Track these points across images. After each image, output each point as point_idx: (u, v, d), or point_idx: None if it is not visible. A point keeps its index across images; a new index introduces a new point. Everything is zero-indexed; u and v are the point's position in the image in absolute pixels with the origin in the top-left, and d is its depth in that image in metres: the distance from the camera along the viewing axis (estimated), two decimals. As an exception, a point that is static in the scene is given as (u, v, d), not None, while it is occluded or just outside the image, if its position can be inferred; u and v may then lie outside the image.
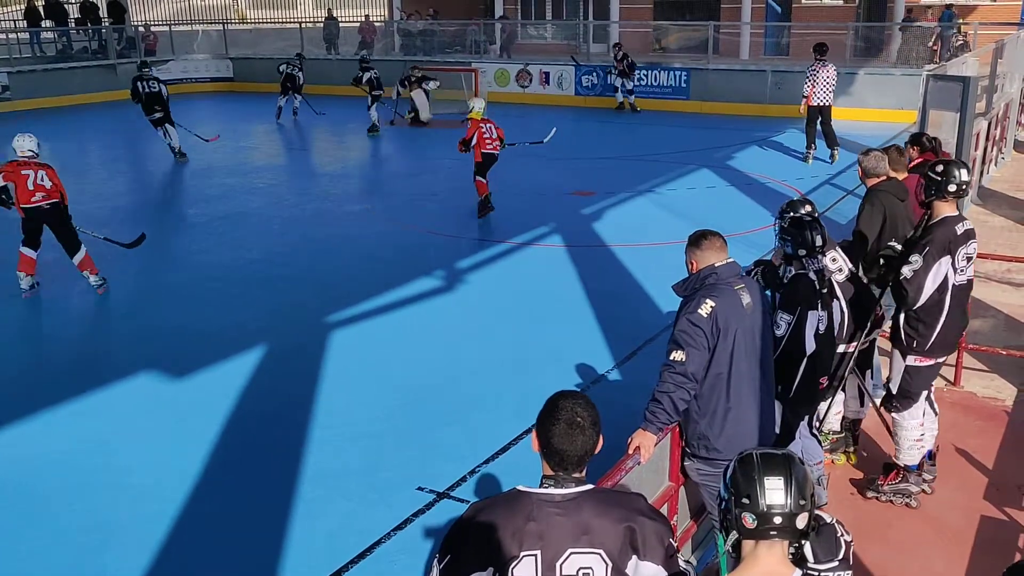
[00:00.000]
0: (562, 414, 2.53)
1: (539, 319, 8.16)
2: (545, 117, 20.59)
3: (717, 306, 3.77)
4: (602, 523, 2.45)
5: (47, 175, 8.89)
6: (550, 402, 2.60)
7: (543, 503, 2.47)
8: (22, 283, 9.03)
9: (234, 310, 8.59)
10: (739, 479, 2.26)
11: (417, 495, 5.33)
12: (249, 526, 5.13)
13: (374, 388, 6.81)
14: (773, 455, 2.31)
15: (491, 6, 28.83)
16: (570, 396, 2.60)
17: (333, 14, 29.57)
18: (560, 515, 2.45)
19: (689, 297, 3.89)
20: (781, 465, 2.26)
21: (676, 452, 4.03)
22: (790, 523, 2.22)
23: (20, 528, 5.10)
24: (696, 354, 3.76)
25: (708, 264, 3.87)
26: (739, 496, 2.25)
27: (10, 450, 5.96)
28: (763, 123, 18.72)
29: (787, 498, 2.21)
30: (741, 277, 3.93)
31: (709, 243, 3.91)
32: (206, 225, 11.82)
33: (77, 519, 5.18)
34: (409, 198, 13.33)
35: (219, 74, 27.61)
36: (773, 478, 2.23)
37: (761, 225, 10.52)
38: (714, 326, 3.76)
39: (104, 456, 5.90)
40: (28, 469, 5.72)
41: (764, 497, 2.21)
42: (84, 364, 7.42)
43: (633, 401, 5.97)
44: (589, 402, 2.59)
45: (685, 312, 3.84)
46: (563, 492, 2.49)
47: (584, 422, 2.53)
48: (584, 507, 2.47)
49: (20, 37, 28.25)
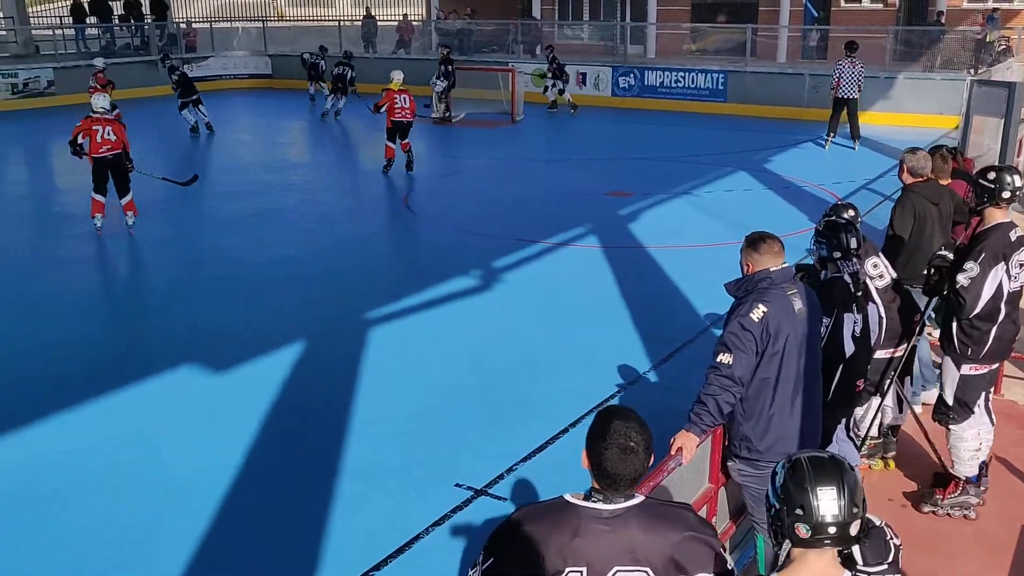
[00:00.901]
0: (615, 438, 2.46)
1: (575, 319, 8.17)
2: (582, 117, 20.63)
3: (769, 311, 3.76)
4: (649, 539, 2.41)
5: (112, 130, 10.86)
6: (602, 421, 2.52)
7: (590, 519, 2.43)
8: (96, 222, 11.07)
9: (271, 306, 8.69)
10: (791, 488, 2.23)
11: (455, 492, 5.38)
12: (288, 521, 5.18)
13: (411, 386, 6.86)
14: (822, 460, 2.28)
15: (528, 6, 28.85)
16: (622, 416, 2.52)
17: (371, 12, 29.74)
18: (607, 532, 2.42)
19: (741, 299, 3.88)
20: (833, 473, 2.23)
21: (717, 454, 4.05)
22: (844, 532, 2.20)
23: (62, 521, 5.16)
24: (744, 358, 3.75)
25: (763, 268, 3.85)
26: (792, 507, 2.22)
27: (50, 445, 6.04)
28: (800, 126, 18.59)
29: (840, 508, 2.19)
30: (794, 282, 3.92)
31: (767, 247, 3.88)
32: (242, 221, 11.94)
33: (119, 513, 5.24)
34: (443, 197, 13.41)
35: (257, 71, 27.89)
36: (826, 488, 2.20)
37: (799, 229, 10.47)
38: (764, 331, 3.75)
39: (143, 451, 5.97)
40: (69, 464, 5.79)
41: (818, 508, 2.19)
42: (123, 359, 7.51)
43: (670, 403, 5.99)
44: (642, 423, 2.52)
45: (737, 315, 3.83)
46: (611, 508, 2.45)
47: (638, 447, 2.46)
48: (632, 522, 2.43)
49: (65, 33, 28.71)
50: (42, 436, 6.15)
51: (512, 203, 12.55)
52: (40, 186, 15.45)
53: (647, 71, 22.16)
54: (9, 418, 6.29)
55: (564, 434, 6.00)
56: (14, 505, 5.30)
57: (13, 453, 5.89)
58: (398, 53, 27.37)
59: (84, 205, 11.85)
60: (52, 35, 28.93)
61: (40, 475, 5.63)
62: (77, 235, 11.40)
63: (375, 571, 4.66)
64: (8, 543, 4.94)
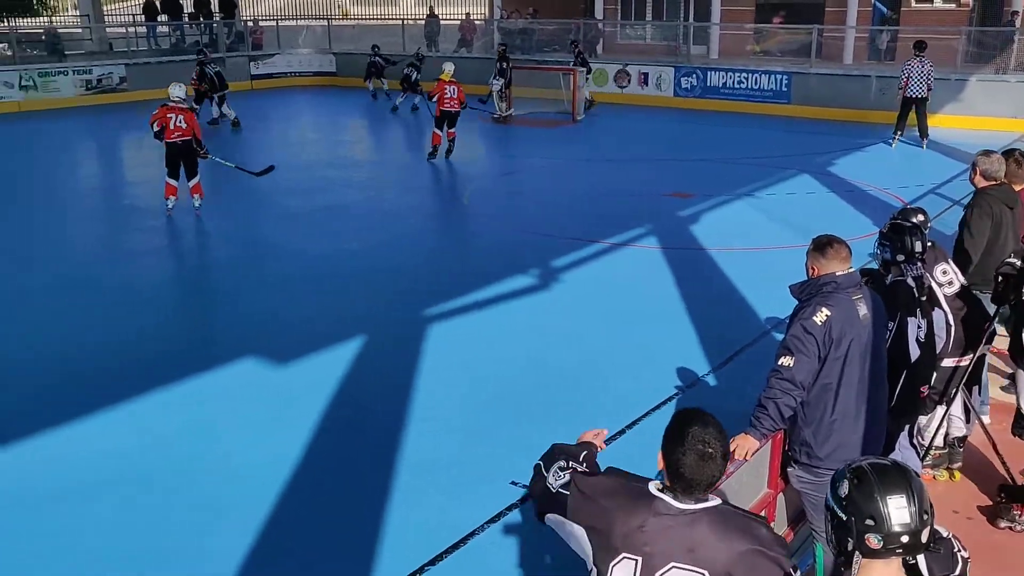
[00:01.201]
0: (693, 444, 2.43)
1: (633, 320, 8.14)
2: (643, 117, 20.53)
3: (833, 315, 3.70)
4: (715, 544, 2.38)
5: (184, 118, 11.63)
6: (679, 425, 2.50)
7: (660, 512, 2.43)
8: (168, 204, 11.86)
9: (334, 301, 8.81)
10: (858, 498, 2.17)
11: (510, 490, 5.38)
12: (346, 513, 5.25)
13: (467, 382, 6.90)
14: (887, 468, 2.22)
15: (591, 6, 28.76)
16: (700, 422, 2.48)
17: (434, 12, 29.93)
18: (672, 527, 2.41)
19: (805, 303, 3.84)
20: (900, 480, 2.18)
21: (777, 459, 4.00)
22: (915, 540, 2.15)
23: (130, 506, 5.29)
24: (805, 361, 3.71)
25: (829, 272, 3.81)
26: (861, 517, 2.16)
27: (120, 432, 6.20)
28: (866, 129, 18.26)
29: (912, 515, 2.13)
30: (860, 287, 3.85)
31: (834, 252, 3.82)
32: (307, 216, 12.12)
33: (184, 499, 5.35)
34: (503, 195, 13.46)
35: (322, 68, 28.26)
36: (895, 496, 2.14)
37: (863, 233, 10.28)
38: (827, 335, 3.70)
39: (209, 439, 6.09)
40: (137, 450, 5.94)
41: (889, 517, 2.13)
42: (187, 350, 7.65)
43: (729, 407, 5.91)
44: (719, 428, 2.49)
45: (799, 318, 3.79)
46: (682, 506, 2.44)
47: (715, 453, 2.44)
48: (701, 524, 2.41)
49: (138, 31, 29.46)
50: (112, 425, 6.31)
51: (571, 202, 12.52)
52: (111, 180, 15.85)
53: (710, 71, 21.95)
54: (81, 408, 6.46)
55: (621, 435, 5.97)
56: (67, 495, 5.47)
57: (81, 444, 6.06)
58: (460, 52, 27.50)
59: (152, 199, 12.18)
60: (125, 33, 29.72)
61: (109, 463, 5.78)
62: (145, 228, 11.70)
63: (430, 566, 4.70)
64: (79, 527, 5.10)
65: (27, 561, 4.77)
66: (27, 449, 5.92)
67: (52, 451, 5.90)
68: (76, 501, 5.32)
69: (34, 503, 5.30)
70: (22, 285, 9.26)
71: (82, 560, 4.79)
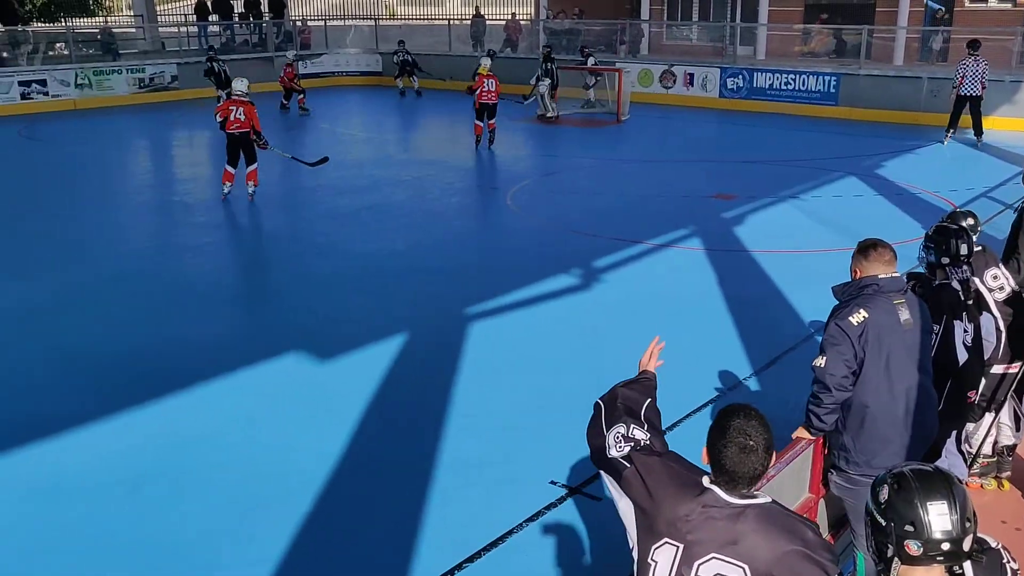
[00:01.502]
0: (734, 436, 2.44)
1: (676, 321, 8.09)
2: (688, 118, 20.42)
3: (870, 318, 3.66)
4: (758, 540, 2.37)
5: (244, 111, 12.46)
6: (722, 419, 2.51)
7: (709, 505, 2.44)
8: (224, 189, 12.75)
9: (378, 298, 8.89)
10: (898, 504, 2.14)
11: (549, 489, 5.41)
12: (385, 509, 5.29)
13: (508, 381, 6.92)
14: (929, 474, 2.18)
15: (637, 6, 28.65)
16: (743, 415, 2.49)
17: (480, 12, 30.04)
18: (718, 519, 2.41)
19: (844, 303, 3.80)
20: (942, 486, 2.14)
21: (819, 463, 3.97)
22: (957, 548, 2.11)
23: (170, 496, 5.38)
24: (838, 360, 3.67)
25: (871, 275, 3.77)
26: (901, 523, 2.13)
27: (163, 423, 6.30)
28: (916, 131, 17.97)
29: (953, 523, 2.09)
30: (903, 292, 3.80)
31: (878, 255, 3.79)
32: (353, 215, 12.23)
33: (224, 490, 5.43)
34: (547, 195, 13.47)
35: (368, 68, 28.50)
36: (937, 502, 2.11)
37: (911, 237, 10.13)
38: (863, 336, 3.66)
39: (250, 432, 6.18)
40: (179, 441, 6.04)
41: (930, 524, 2.10)
42: (234, 344, 7.77)
43: (771, 410, 5.87)
44: (762, 422, 2.49)
45: (836, 317, 3.76)
46: (730, 500, 2.44)
47: (757, 445, 2.44)
48: (747, 519, 2.40)
49: (189, 31, 29.95)
50: (155, 417, 6.43)
51: (615, 203, 12.49)
52: (161, 176, 16.13)
53: (756, 72, 21.74)
54: (126, 401, 6.59)
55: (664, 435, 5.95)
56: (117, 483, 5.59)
57: (124, 436, 6.18)
58: (505, 52, 27.56)
59: (202, 194, 12.39)
60: (177, 32, 30.23)
61: (151, 455, 5.90)
62: (195, 223, 11.91)
63: (468, 563, 4.73)
64: (119, 515, 5.21)
65: (73, 549, 4.89)
66: (76, 441, 6.06)
67: (100, 443, 6.03)
68: (122, 491, 5.43)
69: (81, 494, 5.42)
70: (76, 279, 9.47)
71: (124, 549, 4.89)
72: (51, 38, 27.09)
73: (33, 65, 23.26)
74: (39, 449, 5.91)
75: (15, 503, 5.31)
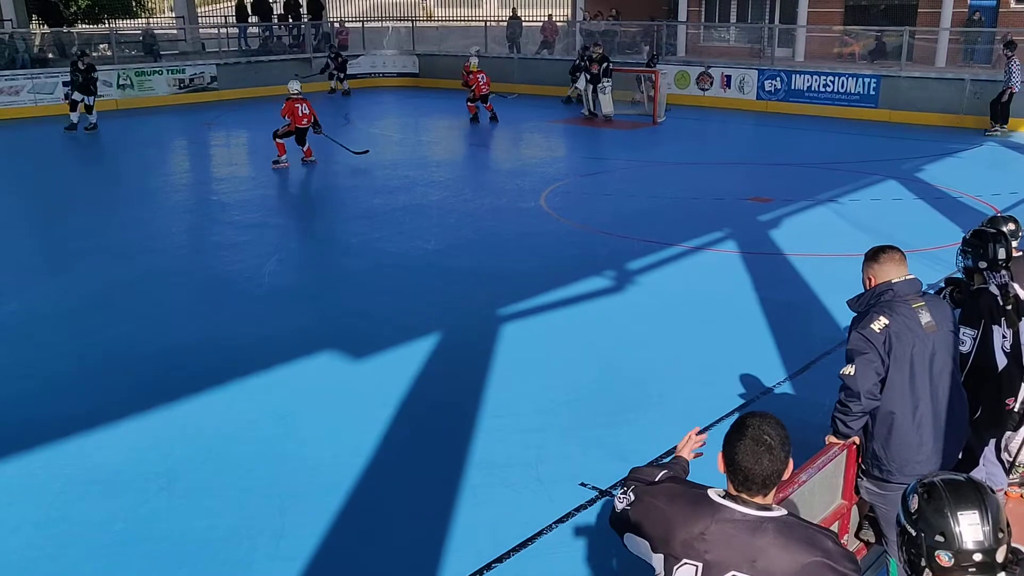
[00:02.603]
0: (748, 431, 2.43)
1: (708, 324, 8.06)
2: (724, 120, 20.28)
3: (891, 324, 3.61)
4: (777, 554, 2.32)
5: (306, 106, 14.99)
6: (738, 422, 2.51)
7: (723, 519, 2.40)
8: (281, 160, 14.99)
9: (410, 298, 8.93)
10: (928, 514, 2.11)
11: (579, 491, 5.40)
12: (416, 507, 5.31)
13: (540, 382, 6.92)
14: (959, 483, 2.15)
15: (675, 7, 28.53)
16: (759, 415, 2.49)
17: (517, 13, 30.08)
18: (734, 535, 2.37)
19: (863, 313, 3.75)
20: (973, 496, 2.10)
21: (851, 469, 3.93)
22: (990, 559, 2.07)
23: (205, 491, 5.44)
24: (868, 368, 3.62)
25: (886, 280, 3.72)
26: (931, 533, 2.10)
27: (199, 419, 6.38)
28: (958, 134, 17.71)
29: (985, 533, 2.05)
30: (921, 295, 3.75)
31: (887, 257, 3.75)
32: (387, 215, 12.30)
33: (258, 486, 5.48)
34: (581, 196, 13.44)
35: (405, 69, 28.64)
36: (968, 512, 2.07)
37: (950, 241, 10.00)
38: (886, 343, 3.61)
39: (285, 427, 6.24)
40: (214, 437, 6.11)
41: (961, 534, 2.06)
42: (269, 341, 7.84)
43: (804, 416, 5.86)
44: (779, 423, 2.47)
45: (857, 327, 3.72)
46: (745, 511, 2.40)
47: (772, 441, 2.41)
48: (764, 534, 2.36)
49: (229, 32, 30.31)
50: (200, 411, 6.51)
51: (649, 205, 12.45)
52: (199, 175, 16.32)
53: (794, 74, 21.53)
54: (165, 396, 6.69)
55: (693, 439, 5.93)
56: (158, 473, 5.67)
57: (168, 430, 6.28)
58: (541, 53, 27.57)
59: (239, 194, 12.53)
60: (217, 33, 30.60)
61: (198, 448, 5.97)
62: (232, 222, 12.04)
63: (497, 563, 4.74)
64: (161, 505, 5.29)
65: (108, 541, 4.97)
66: (113, 436, 6.16)
67: (136, 438, 6.12)
68: (157, 486, 5.50)
69: (116, 488, 5.50)
70: (114, 277, 9.62)
71: (159, 542, 4.95)
72: (95, 39, 27.54)
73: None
74: (77, 444, 6.01)
75: (53, 496, 5.40)
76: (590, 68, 20.17)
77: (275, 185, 12.77)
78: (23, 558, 4.81)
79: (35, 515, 5.21)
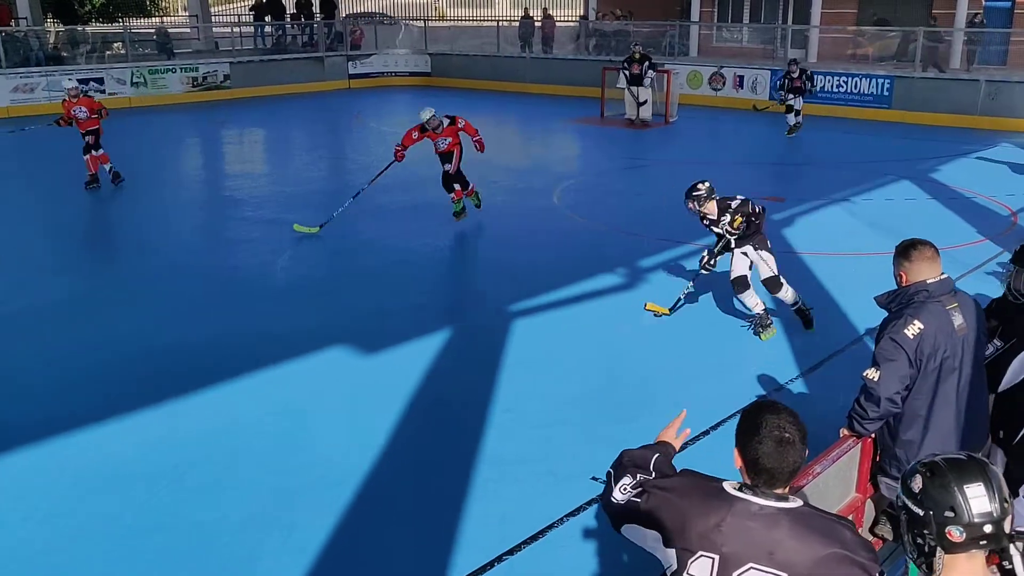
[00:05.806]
0: (769, 431, 2.39)
1: (721, 322, 8.03)
2: (737, 120, 20.21)
3: (926, 329, 3.53)
4: (795, 547, 2.30)
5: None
6: (751, 416, 2.46)
7: (739, 512, 2.36)
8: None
9: (421, 294, 8.93)
10: (934, 491, 2.11)
11: (590, 485, 5.32)
12: (426, 500, 5.30)
13: (550, 379, 6.90)
14: (959, 459, 2.16)
15: (687, 7, 28.46)
16: (773, 410, 2.45)
17: (529, 13, 30.05)
18: (752, 527, 2.34)
19: (895, 314, 3.67)
20: (976, 469, 2.10)
21: (866, 463, 3.89)
22: (999, 530, 2.07)
23: (214, 485, 5.45)
24: (893, 376, 3.56)
25: (919, 278, 3.62)
26: (940, 510, 2.09)
27: (209, 413, 6.39)
28: (973, 135, 17.61)
29: (993, 503, 2.06)
30: (954, 294, 3.67)
31: (919, 254, 3.64)
32: (398, 212, 12.30)
33: (268, 480, 5.48)
34: (594, 195, 13.42)
35: (417, 69, 28.67)
36: (974, 485, 2.07)
37: (965, 241, 9.94)
38: (919, 349, 3.54)
39: (295, 422, 6.24)
40: (224, 431, 6.12)
41: (969, 507, 2.06)
42: (280, 336, 7.84)
43: (818, 411, 5.80)
44: (794, 414, 2.44)
45: (889, 331, 3.62)
46: (762, 503, 2.37)
47: (794, 438, 2.38)
48: (781, 526, 2.33)
49: (242, 31, 30.40)
50: (211, 405, 6.52)
51: (661, 203, 12.38)
52: (211, 172, 16.38)
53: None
54: (179, 390, 6.69)
55: (705, 435, 5.91)
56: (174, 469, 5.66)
57: (178, 424, 6.28)
58: (544, 52, 27.53)
59: (250, 191, 12.52)
60: (230, 32, 30.69)
61: (208, 442, 5.98)
62: (245, 218, 12.05)
63: (508, 555, 4.72)
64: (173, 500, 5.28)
65: (117, 535, 4.98)
66: (123, 430, 6.16)
67: (146, 432, 6.12)
68: (167, 479, 5.51)
69: (126, 482, 5.51)
70: (127, 272, 9.66)
71: (168, 535, 4.95)
72: (109, 37, 27.67)
73: (91, 64, 23.78)
74: (87, 437, 6.02)
75: (64, 490, 5.41)
76: (631, 68, 19.84)
77: (285, 179, 12.76)
78: (33, 550, 4.82)
79: (45, 508, 5.22)
